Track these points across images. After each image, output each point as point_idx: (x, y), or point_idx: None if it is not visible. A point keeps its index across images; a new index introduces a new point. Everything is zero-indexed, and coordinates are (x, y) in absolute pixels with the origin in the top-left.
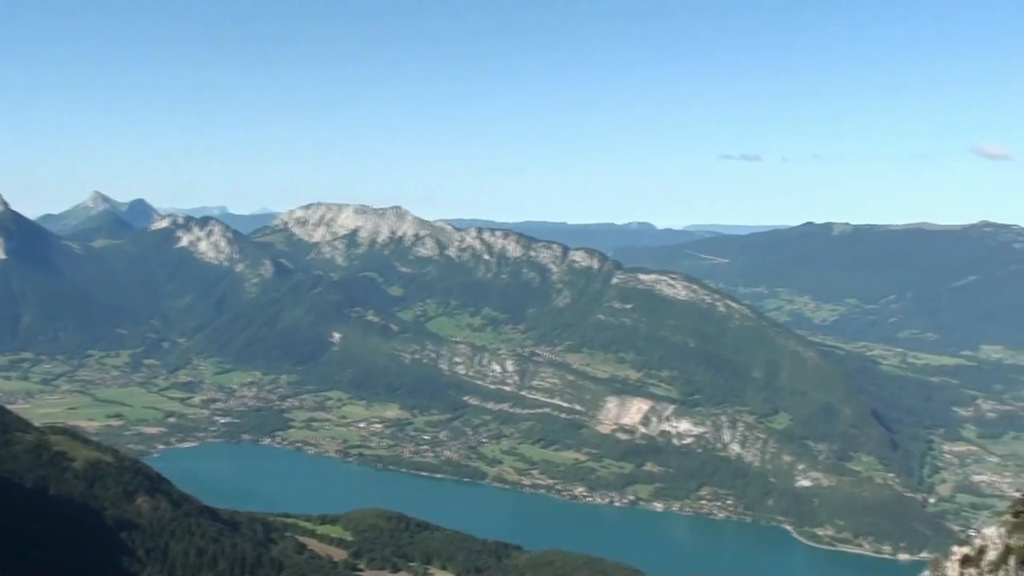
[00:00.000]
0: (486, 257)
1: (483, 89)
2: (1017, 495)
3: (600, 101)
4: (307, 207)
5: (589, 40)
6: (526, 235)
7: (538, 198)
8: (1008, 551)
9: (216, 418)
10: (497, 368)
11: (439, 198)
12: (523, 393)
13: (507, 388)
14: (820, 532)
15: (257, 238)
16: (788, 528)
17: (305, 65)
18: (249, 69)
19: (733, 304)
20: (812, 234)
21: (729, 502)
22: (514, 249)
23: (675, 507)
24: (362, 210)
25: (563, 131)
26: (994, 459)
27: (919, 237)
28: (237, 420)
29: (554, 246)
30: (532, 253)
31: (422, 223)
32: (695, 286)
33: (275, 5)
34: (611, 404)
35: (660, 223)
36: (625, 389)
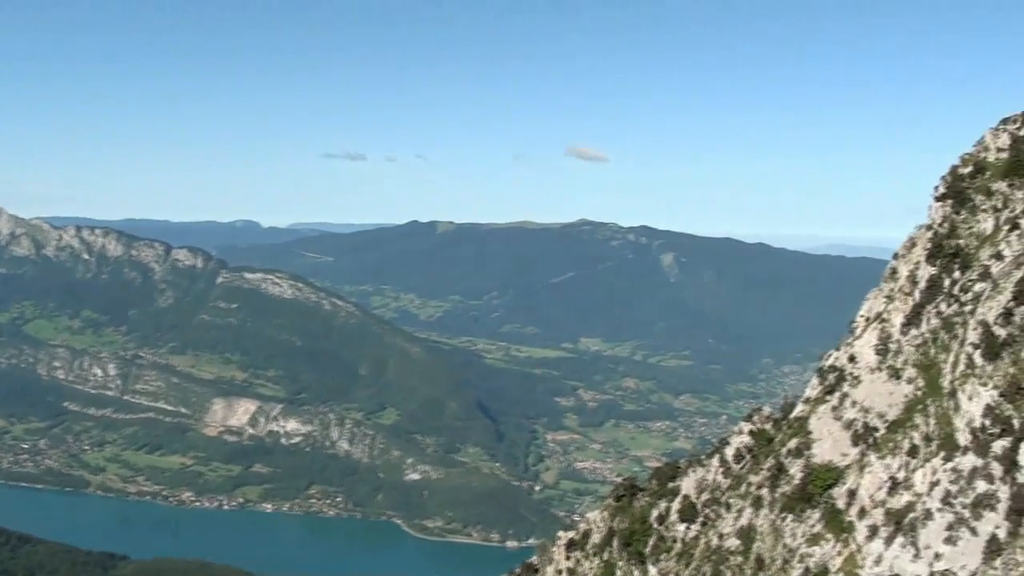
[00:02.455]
0: (86, 256)
1: (80, 82)
2: (618, 480)
3: (205, 96)
4: None
5: (194, 38)
6: (127, 233)
7: (140, 195)
8: (611, 533)
9: None
10: (99, 372)
11: (36, 195)
12: (126, 397)
13: (109, 393)
14: (430, 524)
15: None
16: (398, 522)
17: None
18: None
19: (339, 302)
20: (416, 232)
21: (339, 499)
22: (115, 248)
23: (285, 507)
24: None
25: (164, 127)
26: (596, 446)
27: (520, 235)
28: None
29: (156, 245)
30: (134, 252)
31: (18, 221)
32: (301, 284)
33: None
34: (217, 406)
35: (265, 221)
36: (231, 390)
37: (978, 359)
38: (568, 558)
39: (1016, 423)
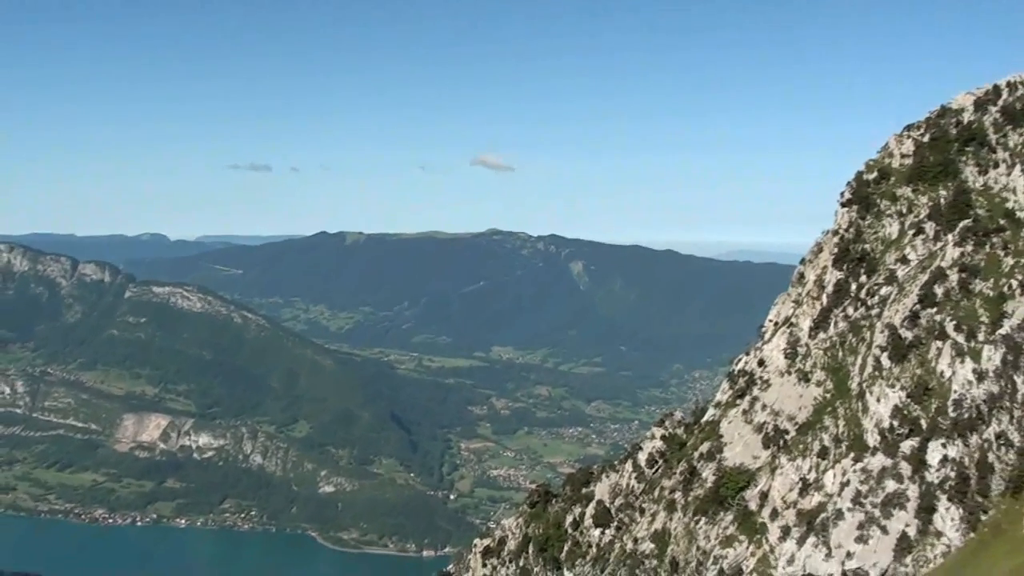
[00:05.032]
0: None
1: None
2: (533, 486)
3: (108, 108)
4: None
5: (94, 50)
6: (33, 248)
7: (44, 209)
8: (527, 540)
9: None
10: (6, 389)
11: None
12: (35, 415)
13: (18, 410)
14: (345, 536)
15: None
16: (313, 534)
17: None
18: None
19: (249, 315)
20: (325, 243)
21: (253, 513)
22: (20, 263)
23: (199, 522)
24: None
25: (68, 140)
26: (509, 454)
27: (431, 245)
28: None
29: (63, 259)
30: (40, 267)
31: None
32: (210, 297)
33: None
34: (128, 421)
35: (173, 234)
36: (142, 405)
37: (885, 361)
38: (485, 565)
39: (923, 423)
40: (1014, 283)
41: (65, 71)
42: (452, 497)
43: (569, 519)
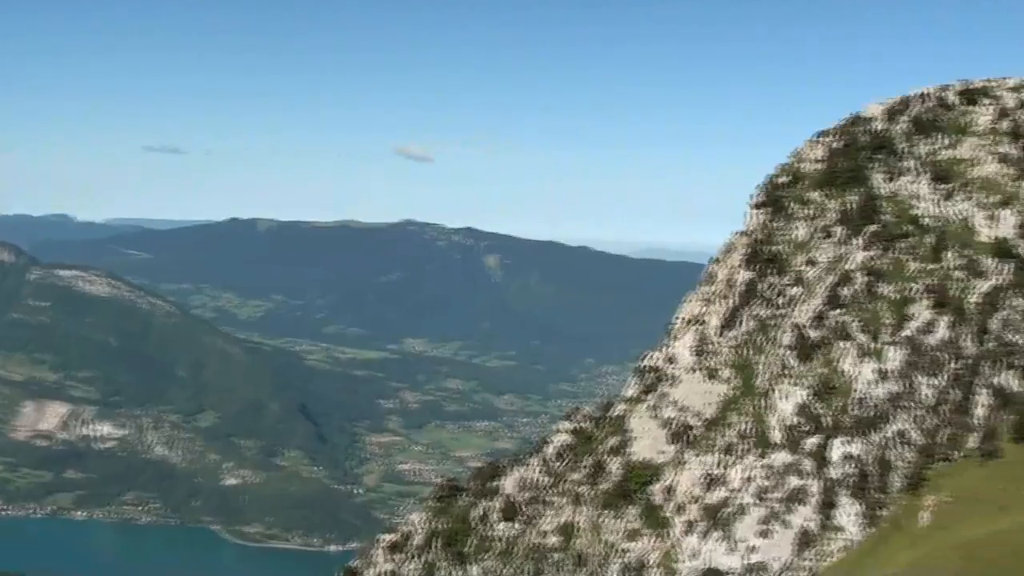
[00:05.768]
0: None
1: None
2: (440, 480)
3: (16, 80)
4: None
5: (7, 18)
6: None
7: None
8: (434, 534)
9: None
10: None
11: None
12: None
13: None
14: (249, 530)
15: None
16: (216, 528)
17: None
18: None
19: (157, 301)
20: (237, 230)
21: (155, 505)
22: None
23: (99, 515)
24: None
25: None
26: (418, 448)
27: (345, 234)
28: None
29: None
30: None
31: None
32: (117, 282)
33: None
34: (27, 409)
35: (80, 215)
36: (42, 392)
37: (791, 360)
38: (390, 560)
39: (827, 421)
40: (917, 287)
41: None
42: (359, 492)
43: (476, 513)
